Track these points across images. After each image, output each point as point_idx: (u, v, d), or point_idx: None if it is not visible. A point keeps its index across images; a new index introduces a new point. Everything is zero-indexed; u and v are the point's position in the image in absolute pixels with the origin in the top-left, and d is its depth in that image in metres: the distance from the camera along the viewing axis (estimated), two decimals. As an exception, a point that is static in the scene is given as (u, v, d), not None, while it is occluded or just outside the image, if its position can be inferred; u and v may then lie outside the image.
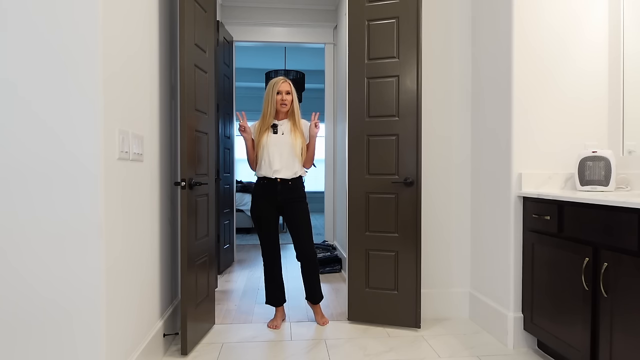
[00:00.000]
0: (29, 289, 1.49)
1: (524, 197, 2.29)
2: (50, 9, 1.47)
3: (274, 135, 2.64)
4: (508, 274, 2.36)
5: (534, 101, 2.33)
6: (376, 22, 2.62)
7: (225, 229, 4.14)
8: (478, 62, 2.72)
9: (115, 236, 1.63)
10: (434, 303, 2.82)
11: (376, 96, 2.62)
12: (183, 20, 2.15)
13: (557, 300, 2.02)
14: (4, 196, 1.47)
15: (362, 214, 2.66)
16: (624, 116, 2.28)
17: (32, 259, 1.49)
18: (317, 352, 2.28)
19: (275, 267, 2.73)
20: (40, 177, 1.48)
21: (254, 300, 3.22)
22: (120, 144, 1.66)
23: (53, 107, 1.48)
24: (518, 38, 2.31)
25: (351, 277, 2.70)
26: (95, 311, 1.51)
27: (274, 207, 2.67)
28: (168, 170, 2.40)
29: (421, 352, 2.28)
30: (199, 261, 2.38)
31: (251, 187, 6.93)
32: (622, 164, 2.25)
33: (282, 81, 2.67)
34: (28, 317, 1.49)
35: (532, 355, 2.25)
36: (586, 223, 1.82)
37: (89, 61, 1.49)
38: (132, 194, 1.83)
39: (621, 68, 2.29)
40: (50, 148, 1.48)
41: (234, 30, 4.62)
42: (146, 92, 2.02)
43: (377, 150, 2.63)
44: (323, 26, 4.82)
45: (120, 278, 1.69)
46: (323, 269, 4.08)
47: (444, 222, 2.84)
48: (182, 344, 2.18)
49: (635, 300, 1.57)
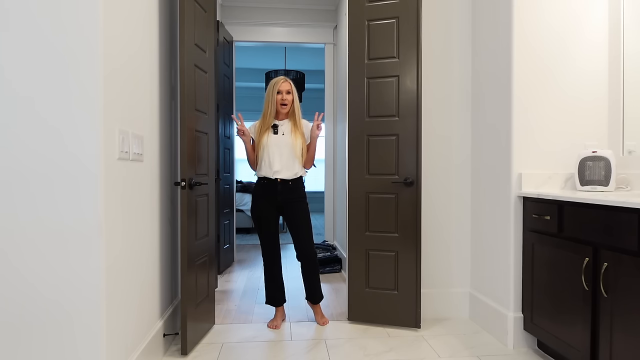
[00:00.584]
0: (31, 289, 1.49)
1: (524, 197, 2.29)
2: (52, 9, 1.47)
3: (274, 136, 2.64)
4: (508, 274, 2.36)
5: (534, 101, 2.33)
6: (376, 22, 2.62)
7: (225, 229, 4.14)
8: (478, 61, 2.72)
9: (115, 236, 1.63)
10: (434, 303, 2.82)
11: (376, 96, 2.62)
12: (183, 20, 2.15)
13: (557, 300, 2.02)
14: (4, 196, 1.47)
15: (362, 214, 2.66)
16: (624, 116, 2.28)
17: (33, 259, 1.49)
18: (317, 352, 2.28)
19: (275, 267, 2.73)
20: (40, 177, 1.48)
21: (254, 300, 3.22)
22: (120, 144, 1.66)
23: (53, 106, 1.48)
24: (518, 37, 2.31)
25: (351, 277, 2.70)
26: (95, 311, 1.51)
27: (274, 207, 2.67)
28: (168, 170, 2.40)
29: (421, 352, 2.28)
30: (199, 261, 2.38)
31: (251, 187, 6.93)
32: (622, 164, 2.25)
33: (282, 81, 2.66)
34: (30, 317, 1.49)
35: (532, 355, 2.25)
36: (586, 223, 1.82)
37: (90, 61, 1.49)
38: (132, 194, 1.83)
39: (621, 68, 2.29)
40: (50, 148, 1.48)
41: (234, 30, 4.62)
42: (146, 92, 2.02)
43: (377, 150, 2.63)
44: (323, 26, 4.82)
45: (120, 278, 1.69)
46: (323, 269, 4.08)
47: (444, 222, 2.84)
48: (182, 344, 2.19)
49: (635, 300, 1.57)
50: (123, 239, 1.72)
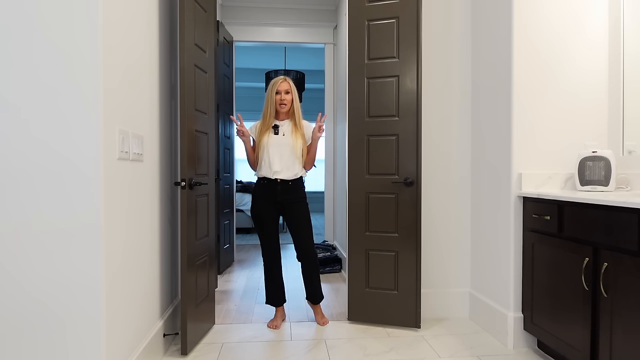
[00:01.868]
0: (34, 288, 1.49)
1: (524, 197, 2.29)
2: (51, 5, 1.47)
3: (274, 136, 2.64)
4: (508, 274, 2.36)
5: (534, 101, 2.33)
6: (376, 22, 2.62)
7: (225, 229, 4.14)
8: (478, 61, 2.72)
9: (115, 236, 1.63)
10: (434, 303, 2.82)
11: (376, 96, 2.62)
12: (183, 20, 2.15)
13: (557, 300, 2.02)
14: (2, 197, 1.47)
15: (362, 214, 2.66)
16: (624, 116, 2.28)
17: (33, 258, 1.49)
18: (317, 352, 2.28)
19: (275, 267, 2.73)
20: (40, 177, 1.48)
21: (254, 300, 3.22)
22: (120, 144, 1.66)
23: (53, 106, 1.48)
24: (518, 37, 2.31)
25: (351, 277, 2.70)
26: (95, 311, 1.51)
27: (274, 207, 2.67)
28: (168, 170, 2.40)
29: (421, 352, 2.28)
30: (199, 261, 2.38)
31: (251, 187, 6.93)
32: (622, 164, 2.25)
33: (281, 81, 2.66)
34: (34, 317, 1.49)
35: (532, 355, 2.25)
36: (586, 223, 1.82)
37: (90, 61, 1.49)
38: (132, 194, 1.82)
39: (621, 67, 2.29)
40: (49, 148, 1.48)
41: (234, 30, 4.62)
42: (146, 92, 2.02)
43: (377, 150, 2.63)
44: (323, 26, 4.82)
45: (121, 278, 1.69)
46: (323, 269, 4.08)
47: (444, 222, 2.84)
48: (182, 344, 2.19)
49: (635, 300, 1.57)
50: (123, 239, 1.72)
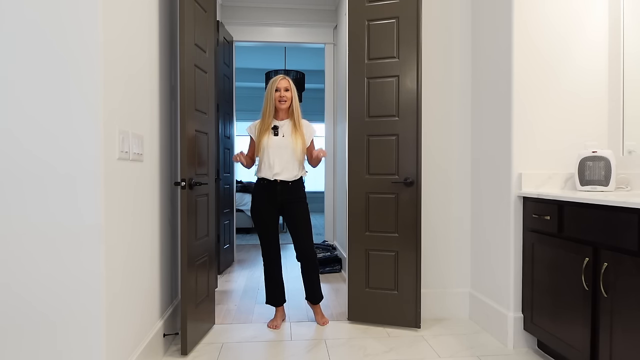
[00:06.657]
0: (36, 288, 1.49)
1: (524, 197, 2.29)
2: (51, 7, 1.47)
3: (274, 138, 2.63)
4: (508, 274, 2.36)
5: (534, 100, 2.33)
6: (376, 22, 2.62)
7: (225, 229, 4.14)
8: (478, 61, 2.72)
9: (115, 236, 1.63)
10: (434, 303, 2.82)
11: (376, 96, 2.62)
12: (183, 21, 2.15)
13: (557, 300, 2.02)
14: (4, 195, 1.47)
15: (362, 214, 2.66)
16: (624, 116, 2.28)
17: (35, 258, 1.49)
18: (317, 352, 2.28)
19: (275, 267, 2.73)
20: (40, 177, 1.48)
21: (254, 300, 3.22)
22: (120, 144, 1.66)
23: (53, 106, 1.48)
24: (518, 37, 2.31)
25: (351, 277, 2.70)
26: (95, 311, 1.51)
27: (274, 207, 2.67)
28: (168, 170, 2.40)
29: (421, 352, 2.28)
30: (199, 261, 2.38)
31: (251, 187, 6.93)
32: (622, 164, 2.25)
33: (280, 78, 2.67)
34: (35, 316, 1.50)
35: (532, 355, 2.25)
36: (586, 223, 1.82)
37: (90, 60, 1.49)
38: (132, 194, 1.82)
39: (621, 67, 2.29)
40: (49, 148, 1.48)
41: (234, 30, 4.62)
42: (146, 92, 2.02)
43: (377, 150, 2.63)
44: (323, 26, 4.82)
45: (121, 278, 1.69)
46: (323, 269, 4.08)
47: (444, 222, 2.84)
48: (182, 344, 2.19)
49: (635, 300, 1.57)
50: (123, 239, 1.72)
